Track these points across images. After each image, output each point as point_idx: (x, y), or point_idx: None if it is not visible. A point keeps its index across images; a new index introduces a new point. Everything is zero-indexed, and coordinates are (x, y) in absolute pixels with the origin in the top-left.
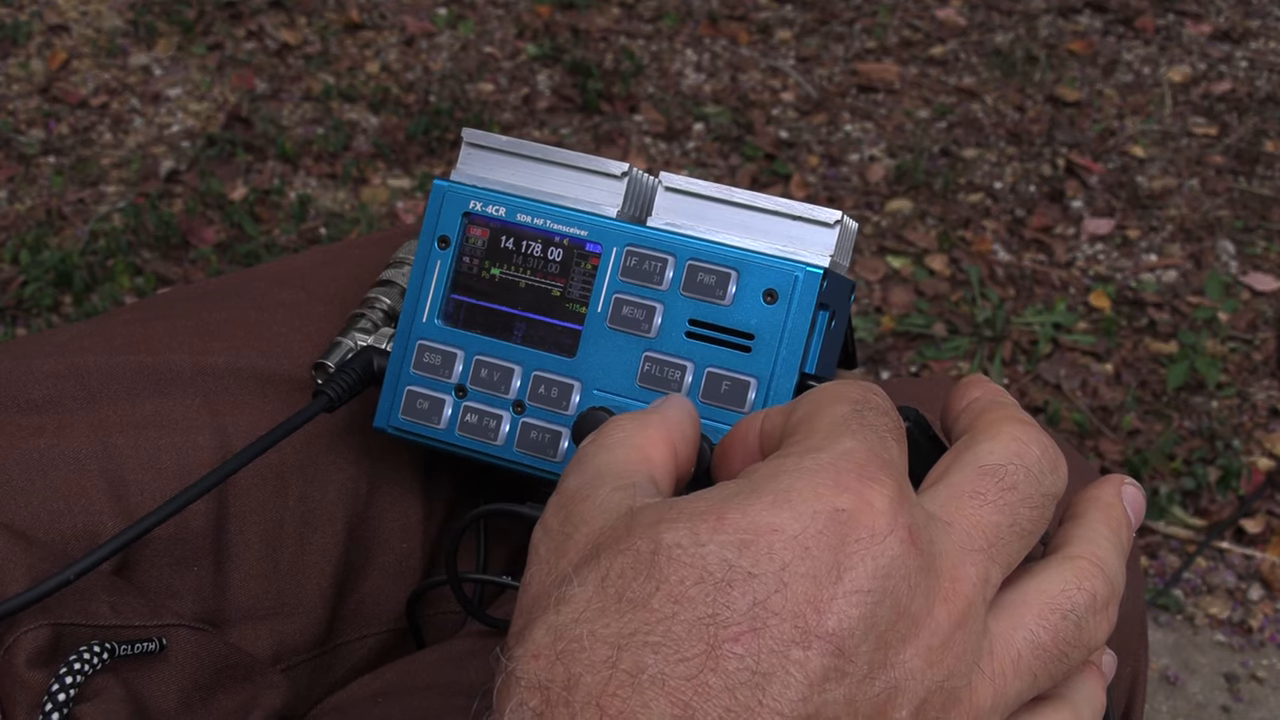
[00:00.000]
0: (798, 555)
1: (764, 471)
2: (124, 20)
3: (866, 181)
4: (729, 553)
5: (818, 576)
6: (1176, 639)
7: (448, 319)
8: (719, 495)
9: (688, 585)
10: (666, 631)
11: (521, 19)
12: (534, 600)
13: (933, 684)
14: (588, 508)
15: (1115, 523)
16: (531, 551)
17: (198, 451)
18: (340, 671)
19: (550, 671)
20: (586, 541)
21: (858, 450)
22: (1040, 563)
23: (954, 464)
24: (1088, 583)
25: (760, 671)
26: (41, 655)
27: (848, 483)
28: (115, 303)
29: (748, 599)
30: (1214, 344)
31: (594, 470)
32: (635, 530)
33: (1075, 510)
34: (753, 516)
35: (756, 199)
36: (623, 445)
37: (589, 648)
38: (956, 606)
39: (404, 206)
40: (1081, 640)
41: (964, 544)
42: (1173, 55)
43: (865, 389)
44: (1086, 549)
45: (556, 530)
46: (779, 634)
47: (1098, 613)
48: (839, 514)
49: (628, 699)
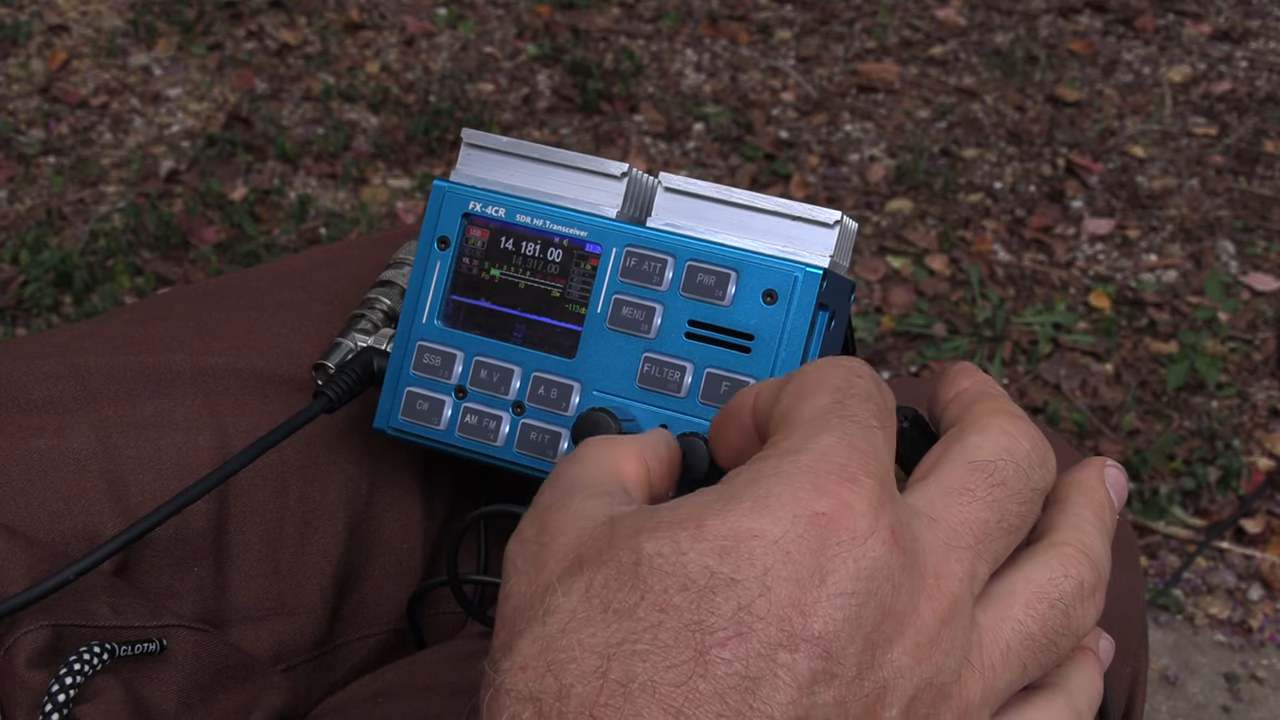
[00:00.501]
0: (779, 560)
1: (744, 476)
2: (124, 20)
3: (866, 181)
4: (710, 560)
5: (800, 580)
6: (1176, 639)
7: (447, 320)
8: (698, 503)
9: (672, 594)
10: (654, 639)
11: (521, 19)
12: (516, 612)
13: (922, 681)
14: (564, 517)
15: (1099, 506)
16: (507, 563)
17: (198, 452)
18: (340, 672)
19: (541, 683)
20: (565, 551)
21: (836, 449)
22: (1026, 551)
23: (943, 458)
24: (1074, 570)
25: (749, 676)
26: (42, 656)
27: (827, 485)
28: (115, 303)
29: (732, 604)
30: (1214, 344)
31: (567, 482)
32: (616, 541)
33: (1058, 494)
34: (732, 523)
35: (756, 199)
36: (595, 459)
37: (578, 658)
38: (942, 603)
39: (404, 206)
40: (1070, 628)
41: (950, 540)
42: (1173, 55)
43: (848, 371)
44: (1072, 535)
45: (533, 541)
46: (765, 638)
47: (1085, 599)
48: (819, 517)
49: (620, 708)
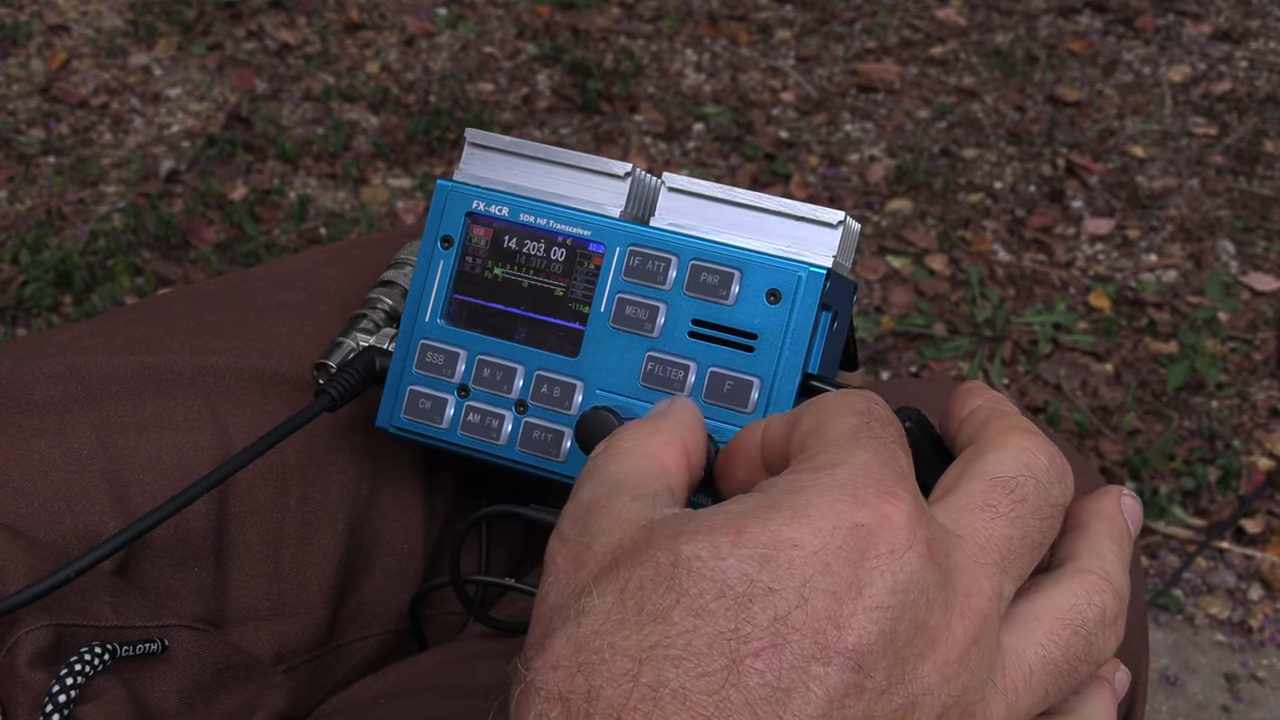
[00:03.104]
0: (818, 571)
1: (782, 486)
2: (124, 20)
3: (866, 181)
4: (749, 567)
5: (838, 592)
6: (1176, 639)
7: (450, 319)
8: (737, 509)
9: (708, 599)
10: (687, 645)
11: (521, 19)
12: (552, 611)
13: (949, 699)
14: (605, 518)
15: (1119, 535)
16: (548, 561)
17: (199, 452)
18: (341, 672)
19: (571, 683)
20: (605, 552)
21: (873, 464)
22: (1050, 576)
23: (963, 475)
24: (1098, 598)
25: (781, 688)
26: (43, 656)
27: (866, 498)
28: (115, 303)
29: (768, 614)
30: (1214, 344)
31: (610, 480)
32: (654, 542)
33: (1078, 521)
34: (773, 531)
35: (759, 199)
36: (636, 454)
37: (610, 660)
38: (972, 621)
39: (404, 206)
40: (1091, 655)
41: (977, 558)
42: (1173, 55)
43: (867, 399)
44: (1095, 563)
45: (574, 541)
46: (800, 650)
47: (1107, 627)
48: (859, 529)
49: (649, 713)
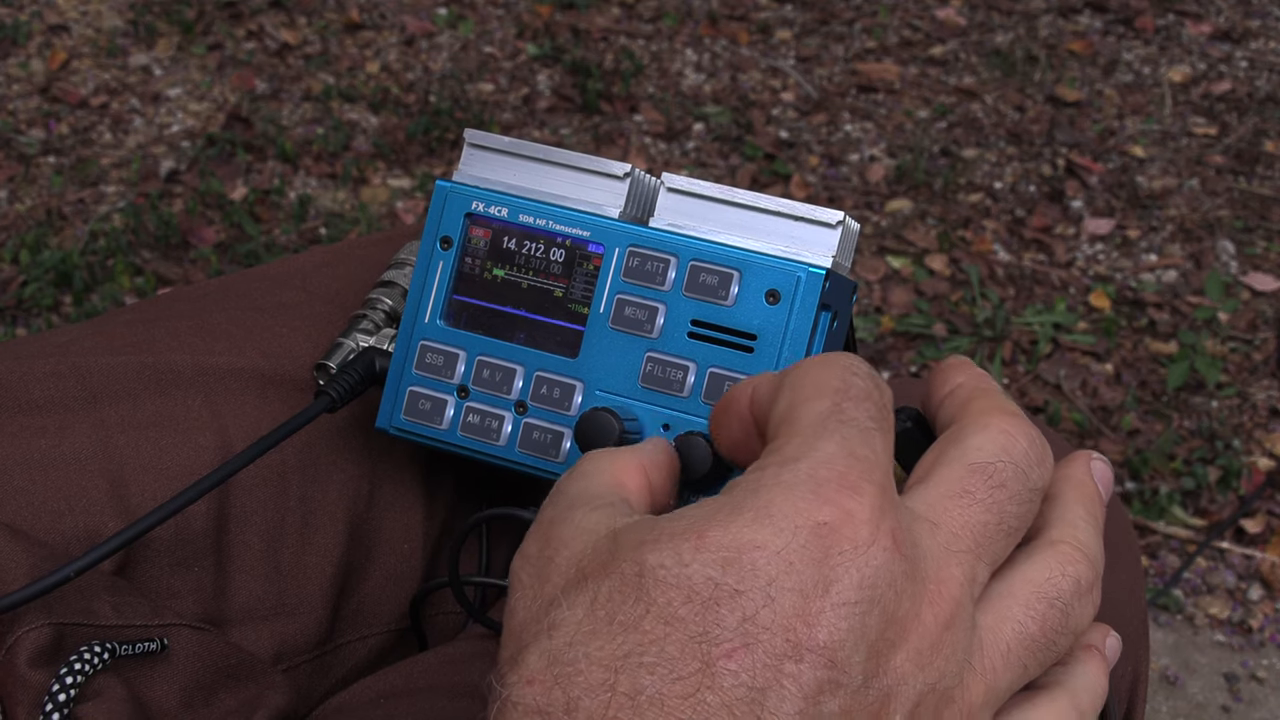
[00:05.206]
0: (782, 570)
1: (744, 486)
2: (124, 20)
3: (866, 181)
4: (713, 571)
5: (805, 590)
6: (1176, 639)
7: (450, 319)
8: (700, 514)
9: (676, 605)
10: (660, 652)
11: (521, 19)
12: (523, 626)
13: (925, 686)
14: (566, 530)
15: (1090, 501)
16: (513, 578)
17: (199, 452)
18: (340, 672)
19: (548, 696)
20: (569, 564)
21: (837, 456)
22: (1022, 550)
23: (940, 459)
24: (1071, 568)
25: (756, 687)
26: (43, 655)
27: (828, 494)
28: (115, 303)
29: (736, 615)
30: (1214, 344)
31: (569, 497)
32: (619, 553)
33: (1049, 490)
34: (734, 534)
35: (759, 200)
36: (595, 473)
37: (585, 671)
38: (944, 608)
39: (404, 206)
40: (1068, 626)
41: (950, 545)
42: (1173, 55)
43: (844, 370)
44: (1067, 533)
45: (536, 556)
46: (771, 648)
47: (1082, 596)
48: (821, 527)
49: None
